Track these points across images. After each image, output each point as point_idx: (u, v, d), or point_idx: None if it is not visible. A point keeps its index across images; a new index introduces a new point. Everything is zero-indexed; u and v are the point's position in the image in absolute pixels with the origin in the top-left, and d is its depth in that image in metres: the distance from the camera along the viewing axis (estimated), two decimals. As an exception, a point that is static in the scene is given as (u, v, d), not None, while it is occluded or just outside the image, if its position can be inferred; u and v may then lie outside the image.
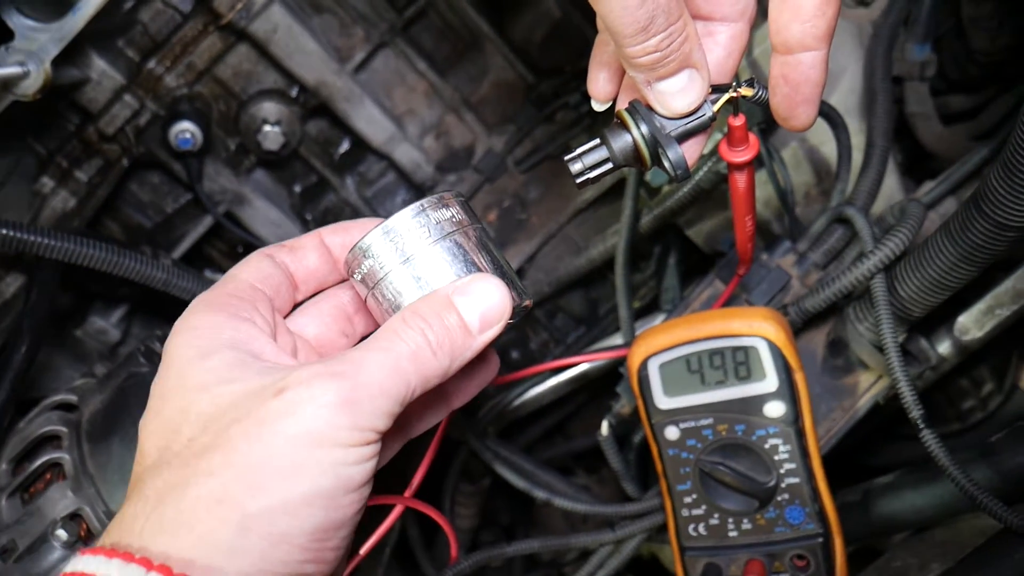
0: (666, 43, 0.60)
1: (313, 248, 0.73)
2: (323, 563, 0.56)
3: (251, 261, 0.69)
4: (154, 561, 0.51)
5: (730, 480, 0.90)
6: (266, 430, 0.55)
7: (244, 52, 1.29)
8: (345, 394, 0.56)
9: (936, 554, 1.04)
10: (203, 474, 0.54)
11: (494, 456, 1.18)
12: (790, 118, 0.67)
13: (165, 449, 0.58)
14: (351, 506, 0.57)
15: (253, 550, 0.53)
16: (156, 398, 0.61)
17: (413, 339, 0.61)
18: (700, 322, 0.90)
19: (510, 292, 0.66)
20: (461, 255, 0.66)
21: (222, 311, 0.63)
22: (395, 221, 0.66)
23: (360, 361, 0.59)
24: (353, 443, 0.56)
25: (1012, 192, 0.74)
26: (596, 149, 0.67)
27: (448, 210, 0.67)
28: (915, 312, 0.91)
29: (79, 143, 1.25)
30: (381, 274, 0.66)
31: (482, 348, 0.64)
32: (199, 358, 0.60)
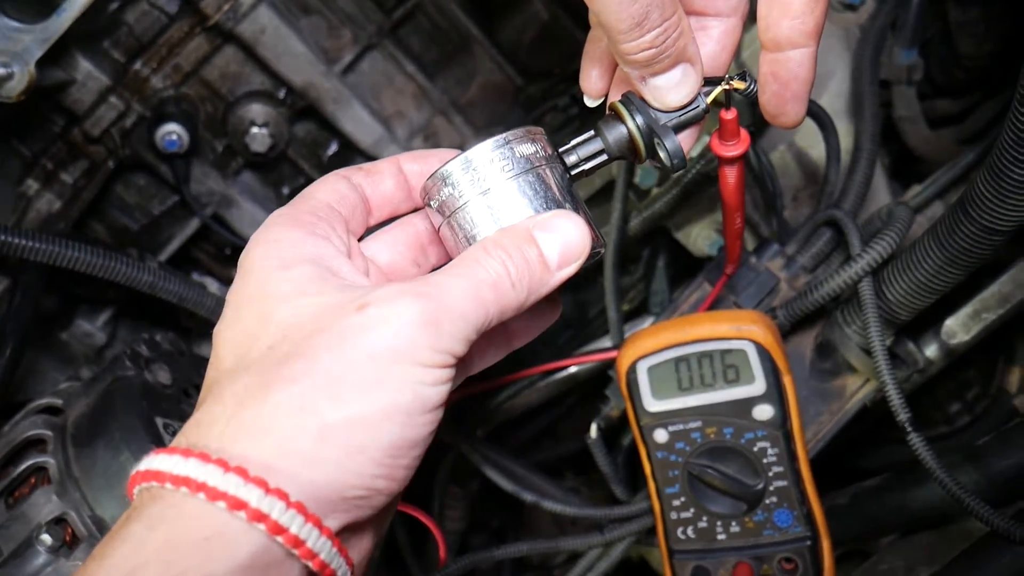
0: (661, 39, 0.60)
1: (390, 174, 0.71)
2: (393, 480, 0.57)
3: (328, 181, 0.68)
4: (231, 463, 0.52)
5: (718, 483, 0.90)
6: (348, 343, 0.55)
7: (231, 54, 1.28)
8: (428, 314, 0.56)
9: (923, 557, 1.04)
10: (285, 381, 0.54)
11: (483, 459, 1.18)
12: (779, 115, 0.68)
13: (243, 356, 0.58)
14: (426, 426, 0.57)
15: (330, 459, 0.53)
16: (233, 306, 0.61)
17: (494, 268, 0.60)
18: (689, 325, 0.90)
19: (590, 231, 0.64)
20: (542, 191, 0.65)
21: (302, 227, 0.63)
22: (476, 151, 0.64)
23: (442, 284, 0.59)
24: (432, 363, 0.56)
25: (999, 196, 0.74)
26: (591, 141, 0.67)
27: (532, 145, 0.65)
28: (902, 315, 0.91)
29: (64, 145, 1.24)
30: (458, 203, 0.65)
31: (559, 284, 0.64)
32: (280, 268, 0.60)
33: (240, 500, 0.51)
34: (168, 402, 1.04)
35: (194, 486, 0.51)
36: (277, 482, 0.52)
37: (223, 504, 0.51)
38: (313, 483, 0.53)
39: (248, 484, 0.51)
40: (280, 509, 0.51)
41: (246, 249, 0.63)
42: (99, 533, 0.90)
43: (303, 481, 0.53)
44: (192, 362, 1.18)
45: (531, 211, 0.64)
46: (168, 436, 0.97)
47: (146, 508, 0.53)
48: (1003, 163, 0.72)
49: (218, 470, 0.51)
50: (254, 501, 0.51)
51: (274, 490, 0.51)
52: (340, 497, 0.54)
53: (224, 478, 0.51)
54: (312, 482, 0.53)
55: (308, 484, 0.53)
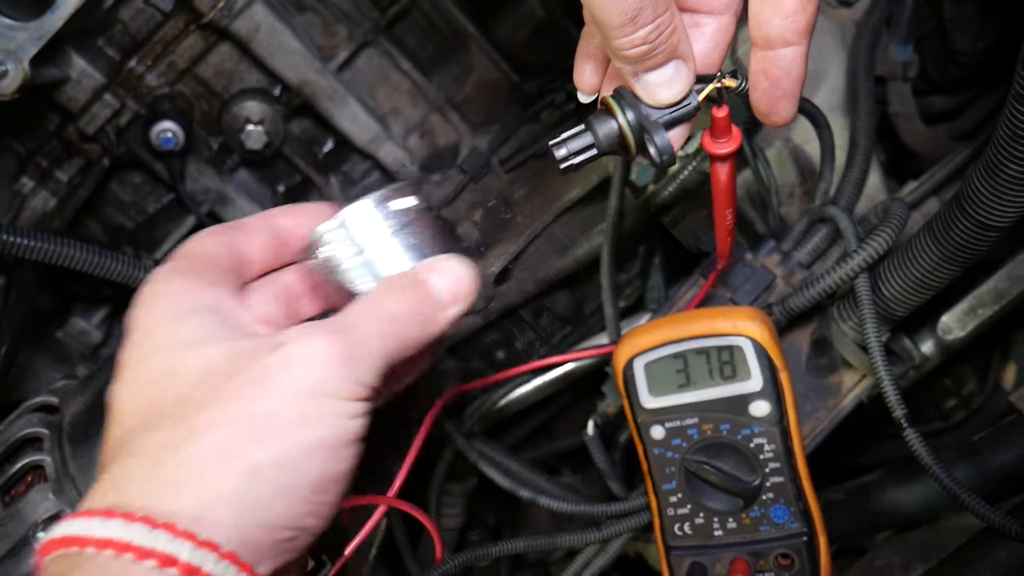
0: (654, 35, 0.60)
1: (262, 229, 0.72)
2: (320, 518, 0.56)
3: (204, 237, 0.68)
4: (158, 519, 0.50)
5: (715, 479, 0.90)
6: (267, 383, 0.54)
7: (226, 51, 1.28)
8: (343, 350, 0.57)
9: (919, 553, 1.05)
10: (203, 428, 0.53)
11: (480, 456, 1.18)
12: (770, 113, 0.67)
13: (152, 408, 0.56)
14: (349, 459, 0.57)
15: (260, 502, 0.52)
16: (131, 364, 0.59)
17: (390, 307, 0.62)
18: (685, 321, 0.90)
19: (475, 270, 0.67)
20: (421, 243, 0.68)
21: (194, 278, 0.62)
22: (354, 211, 0.67)
23: (352, 322, 0.60)
24: (352, 396, 0.57)
25: (994, 192, 0.74)
26: (581, 135, 0.67)
27: (406, 200, 0.68)
28: (898, 312, 0.91)
29: (59, 143, 1.23)
30: (340, 262, 0.67)
31: (452, 321, 0.66)
32: (177, 319, 0.59)
33: (170, 556, 0.49)
34: (164, 400, 1.03)
35: (120, 547, 0.49)
36: (207, 533, 0.50)
37: (153, 562, 0.49)
38: (243, 530, 0.52)
39: (178, 539, 0.49)
40: (212, 561, 0.50)
41: (135, 306, 0.62)
42: (95, 531, 0.90)
43: (232, 529, 0.51)
44: (188, 360, 1.17)
45: (412, 263, 0.67)
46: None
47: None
48: (999, 159, 0.72)
49: (144, 528, 0.49)
50: (184, 555, 0.49)
51: (204, 542, 0.50)
52: (271, 541, 0.53)
53: (152, 535, 0.49)
54: (242, 529, 0.52)
55: (238, 531, 0.52)
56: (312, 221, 0.70)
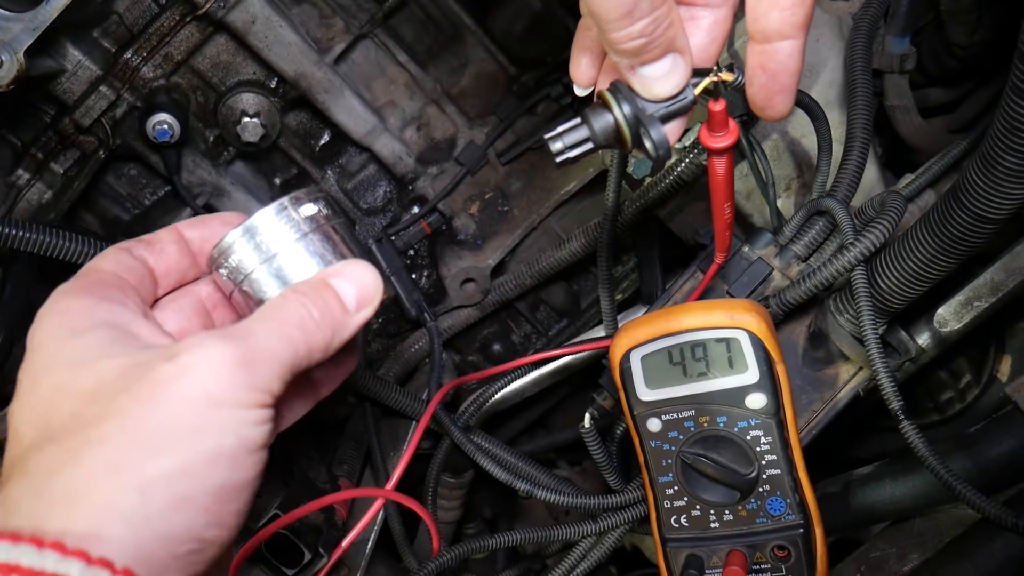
0: (651, 28, 0.60)
1: (171, 242, 0.71)
2: (224, 527, 0.55)
3: (108, 255, 0.67)
4: (46, 539, 0.48)
5: (712, 472, 0.90)
6: (160, 393, 0.53)
7: (222, 43, 1.28)
8: (240, 355, 0.56)
9: (915, 544, 1.05)
10: (95, 443, 0.52)
11: (476, 449, 1.18)
12: (767, 108, 0.67)
13: (44, 427, 0.55)
14: (253, 467, 0.56)
15: (154, 515, 0.51)
16: (27, 383, 0.58)
17: (297, 311, 0.61)
18: (682, 314, 0.90)
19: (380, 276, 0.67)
20: (329, 247, 0.68)
21: (91, 295, 0.61)
22: (259, 219, 0.67)
23: (249, 328, 0.59)
24: (252, 404, 0.56)
25: (991, 184, 0.74)
26: (577, 128, 0.66)
27: (313, 205, 0.69)
28: (895, 304, 0.91)
29: (55, 135, 1.23)
30: (248, 270, 0.67)
31: (359, 327, 0.65)
32: (72, 337, 0.58)
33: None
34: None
35: (6, 569, 0.47)
36: (100, 551, 0.48)
37: None
38: (140, 544, 0.50)
39: (67, 558, 0.47)
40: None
41: (33, 324, 0.60)
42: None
43: (128, 544, 0.50)
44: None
45: (320, 268, 0.67)
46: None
47: None
48: (996, 151, 0.72)
49: (31, 548, 0.47)
50: (75, 574, 0.47)
51: (97, 560, 0.48)
52: (171, 555, 0.51)
53: (39, 555, 0.47)
54: (139, 543, 0.50)
55: (134, 546, 0.50)
56: (220, 230, 0.70)
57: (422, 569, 1.08)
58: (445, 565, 1.09)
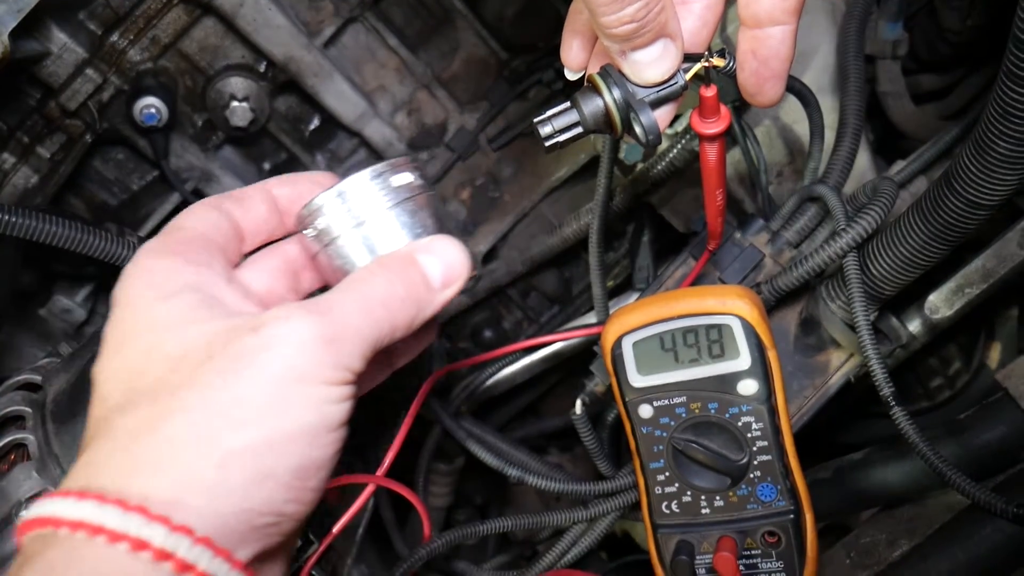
0: (642, 13, 0.59)
1: (260, 200, 0.70)
2: (302, 503, 0.55)
3: (197, 210, 0.66)
4: (131, 502, 0.49)
5: (703, 458, 0.90)
6: (244, 365, 0.53)
7: (210, 26, 1.26)
8: (326, 331, 0.55)
9: (905, 530, 1.05)
10: (179, 411, 0.52)
11: (467, 435, 1.18)
12: (758, 94, 0.67)
13: (130, 390, 0.55)
14: (332, 445, 0.56)
15: (235, 488, 0.51)
16: (113, 342, 0.58)
17: (383, 288, 0.60)
18: (674, 300, 0.90)
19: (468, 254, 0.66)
20: (418, 220, 0.67)
21: (177, 255, 0.61)
22: (352, 183, 0.66)
23: (335, 302, 0.58)
24: (335, 381, 0.55)
25: (983, 170, 0.74)
26: (566, 112, 0.66)
27: (407, 174, 0.67)
28: (886, 291, 0.91)
29: (41, 119, 1.22)
30: (335, 234, 0.66)
31: (444, 305, 0.65)
32: (159, 299, 0.58)
33: (142, 540, 0.48)
34: (149, 379, 1.03)
35: (91, 529, 0.48)
36: (182, 518, 0.49)
37: (125, 546, 0.48)
38: (219, 515, 0.51)
39: (151, 523, 0.48)
40: (187, 545, 0.49)
41: (119, 282, 0.61)
42: (80, 510, 0.90)
43: (208, 514, 0.50)
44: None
45: (408, 240, 0.66)
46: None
47: (41, 555, 0.49)
48: (988, 137, 0.72)
49: (117, 510, 0.49)
50: (158, 540, 0.48)
51: (179, 526, 0.49)
52: (249, 526, 0.52)
53: (124, 518, 0.48)
54: (218, 514, 0.51)
55: (214, 516, 0.50)
56: (310, 190, 0.69)
57: (413, 555, 1.08)
58: (436, 551, 1.09)
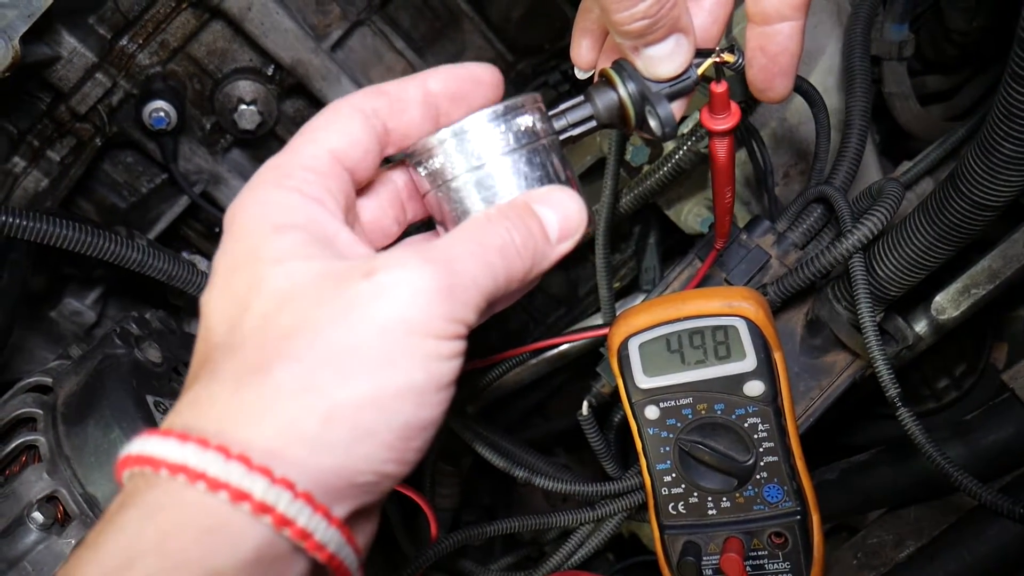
0: (654, 9, 0.59)
1: (417, 102, 0.63)
2: (404, 464, 0.52)
3: (339, 120, 0.60)
4: (232, 450, 0.47)
5: (709, 459, 0.91)
6: (356, 314, 0.50)
7: (218, 30, 1.27)
8: (442, 281, 0.52)
9: (911, 531, 1.05)
10: (287, 357, 0.50)
11: (474, 436, 1.18)
12: (767, 90, 0.67)
13: (235, 327, 0.53)
14: (439, 405, 0.53)
15: (338, 443, 0.49)
16: (221, 271, 0.56)
17: (500, 236, 0.57)
18: (680, 302, 0.90)
19: (585, 206, 0.63)
20: (538, 167, 0.63)
21: (294, 187, 0.57)
22: (473, 122, 0.62)
23: (452, 250, 0.55)
24: (448, 335, 0.52)
25: (989, 171, 0.74)
26: (580, 106, 0.66)
27: (529, 116, 0.63)
28: (893, 292, 0.91)
29: (51, 122, 1.23)
30: (451, 175, 0.62)
31: (559, 259, 0.62)
32: (272, 232, 0.54)
33: (243, 491, 0.46)
34: (159, 380, 1.03)
35: (192, 475, 0.47)
36: (283, 470, 0.48)
37: (225, 495, 0.47)
38: (320, 470, 0.49)
39: (252, 473, 0.47)
40: (287, 500, 0.47)
41: (233, 207, 0.57)
42: (91, 511, 0.90)
43: (310, 468, 0.48)
44: (182, 340, 1.17)
45: (526, 187, 0.62)
46: (159, 414, 0.97)
47: (141, 495, 0.48)
48: (994, 138, 0.72)
49: (219, 457, 0.47)
50: (259, 492, 0.47)
51: (280, 479, 0.47)
52: (348, 484, 0.50)
53: (225, 466, 0.47)
54: (319, 469, 0.49)
55: (315, 471, 0.49)
56: (471, 92, 0.64)
57: (420, 556, 1.08)
58: (443, 552, 1.09)
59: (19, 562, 0.89)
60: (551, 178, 0.63)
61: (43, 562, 0.89)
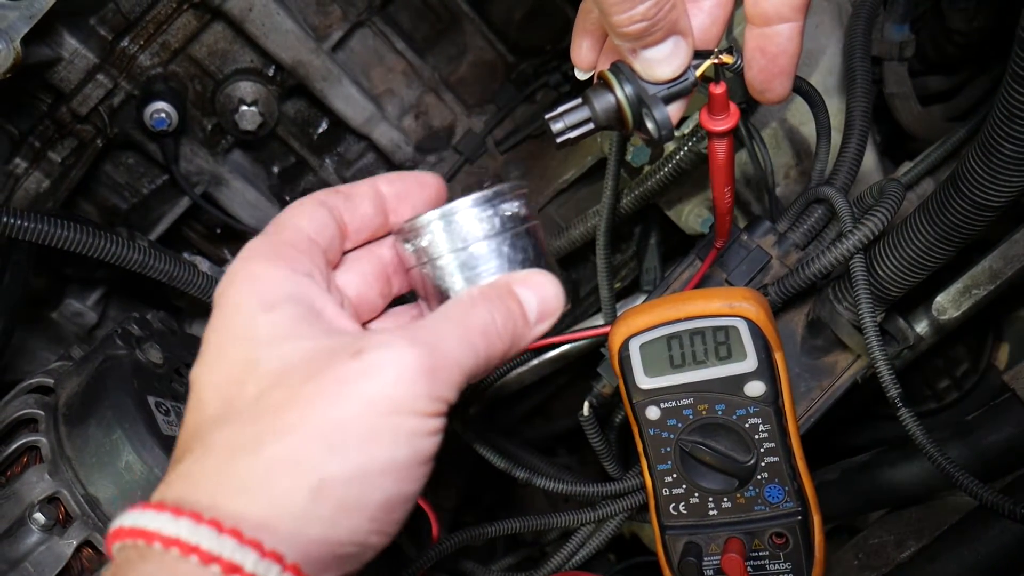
0: (653, 11, 0.59)
1: (368, 197, 0.68)
2: (385, 535, 0.55)
3: (305, 208, 0.64)
4: (225, 524, 0.49)
5: (710, 459, 0.91)
6: (345, 391, 0.52)
7: (219, 31, 1.27)
8: (425, 361, 0.54)
9: (913, 531, 1.05)
10: (279, 432, 0.51)
11: (475, 437, 1.18)
12: (766, 91, 0.67)
13: (229, 402, 0.54)
14: (420, 480, 0.55)
15: (325, 517, 0.51)
16: (214, 347, 0.57)
17: (482, 318, 0.59)
18: (681, 302, 0.90)
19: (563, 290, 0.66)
20: (520, 251, 0.66)
21: (283, 262, 0.59)
22: (461, 206, 0.65)
23: (436, 330, 0.57)
24: (430, 412, 0.54)
25: (990, 172, 0.74)
26: (578, 108, 0.66)
27: (513, 204, 0.66)
28: (893, 292, 0.91)
29: (52, 123, 1.23)
30: (436, 255, 0.65)
31: (536, 339, 0.64)
32: (262, 310, 0.57)
33: (235, 564, 0.48)
34: (160, 381, 1.04)
35: (186, 548, 0.48)
36: (272, 543, 0.49)
37: (217, 568, 0.48)
38: (308, 542, 0.51)
39: (244, 547, 0.48)
40: (276, 573, 0.49)
41: (223, 284, 0.60)
42: (92, 511, 0.90)
43: (298, 540, 0.50)
44: (183, 341, 1.17)
45: (508, 269, 0.65)
46: (160, 415, 0.97)
47: (134, 567, 0.50)
48: (995, 138, 0.72)
49: (211, 532, 0.48)
50: (249, 565, 0.48)
51: (269, 552, 0.49)
52: (332, 556, 0.52)
53: (218, 540, 0.48)
54: (307, 541, 0.51)
55: (303, 543, 0.50)
56: (417, 191, 0.68)
57: (421, 556, 1.08)
58: (444, 552, 1.09)
59: (20, 563, 0.89)
60: (531, 261, 0.66)
61: (44, 563, 0.89)
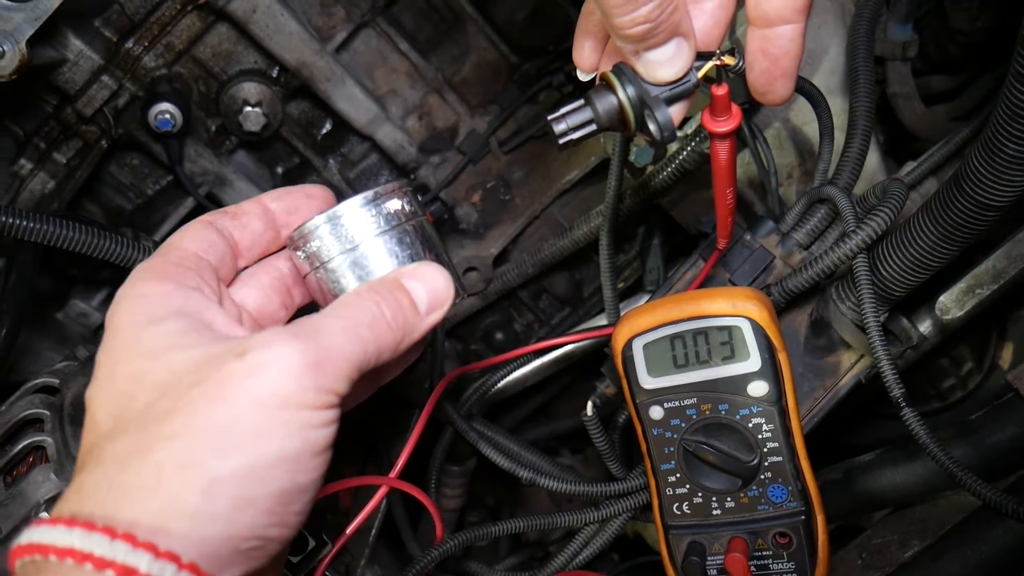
0: (656, 13, 0.60)
1: (256, 215, 0.71)
2: (286, 527, 0.56)
3: (193, 229, 0.68)
4: (118, 529, 0.50)
5: (713, 459, 0.91)
6: (229, 391, 0.54)
7: (224, 32, 1.27)
8: (310, 356, 0.56)
9: (916, 531, 1.05)
10: (165, 438, 0.53)
11: (479, 437, 1.19)
12: (768, 92, 0.67)
13: (119, 416, 0.56)
14: (316, 470, 0.57)
15: (219, 515, 0.52)
16: (104, 367, 0.59)
17: (370, 310, 0.62)
18: (684, 302, 0.90)
19: (452, 280, 0.68)
20: (407, 246, 0.69)
21: (169, 280, 0.62)
22: (345, 208, 0.68)
23: (321, 325, 0.59)
24: (319, 405, 0.56)
25: (993, 171, 0.74)
26: (581, 110, 0.67)
27: (398, 201, 0.70)
28: (897, 292, 0.91)
29: (57, 125, 1.23)
30: (327, 257, 0.68)
31: (429, 329, 0.66)
32: (149, 324, 0.59)
33: (128, 567, 0.49)
34: (165, 381, 1.04)
35: (79, 556, 0.49)
36: (167, 544, 0.50)
37: (111, 572, 0.49)
38: (204, 541, 0.51)
39: (137, 550, 0.49)
40: (172, 572, 0.50)
41: (112, 306, 0.61)
42: (98, 512, 0.91)
43: (194, 540, 0.51)
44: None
45: (398, 264, 0.68)
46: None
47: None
48: (998, 138, 0.72)
49: (104, 538, 0.49)
50: (143, 567, 0.49)
51: (164, 553, 0.50)
52: (233, 551, 0.53)
53: (111, 546, 0.49)
54: (203, 540, 0.51)
55: (199, 542, 0.51)
56: (304, 203, 0.71)
57: (425, 556, 1.08)
58: (448, 552, 1.09)
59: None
60: (420, 255, 0.70)
61: (50, 562, 0.89)
